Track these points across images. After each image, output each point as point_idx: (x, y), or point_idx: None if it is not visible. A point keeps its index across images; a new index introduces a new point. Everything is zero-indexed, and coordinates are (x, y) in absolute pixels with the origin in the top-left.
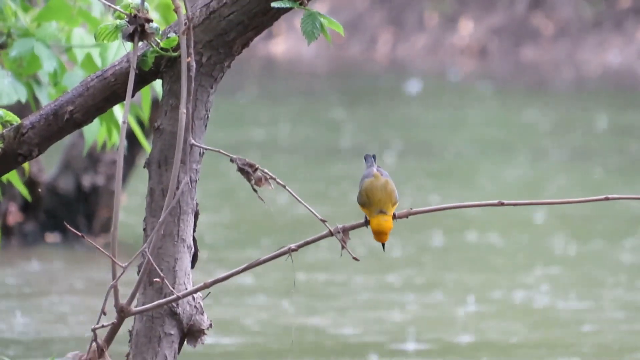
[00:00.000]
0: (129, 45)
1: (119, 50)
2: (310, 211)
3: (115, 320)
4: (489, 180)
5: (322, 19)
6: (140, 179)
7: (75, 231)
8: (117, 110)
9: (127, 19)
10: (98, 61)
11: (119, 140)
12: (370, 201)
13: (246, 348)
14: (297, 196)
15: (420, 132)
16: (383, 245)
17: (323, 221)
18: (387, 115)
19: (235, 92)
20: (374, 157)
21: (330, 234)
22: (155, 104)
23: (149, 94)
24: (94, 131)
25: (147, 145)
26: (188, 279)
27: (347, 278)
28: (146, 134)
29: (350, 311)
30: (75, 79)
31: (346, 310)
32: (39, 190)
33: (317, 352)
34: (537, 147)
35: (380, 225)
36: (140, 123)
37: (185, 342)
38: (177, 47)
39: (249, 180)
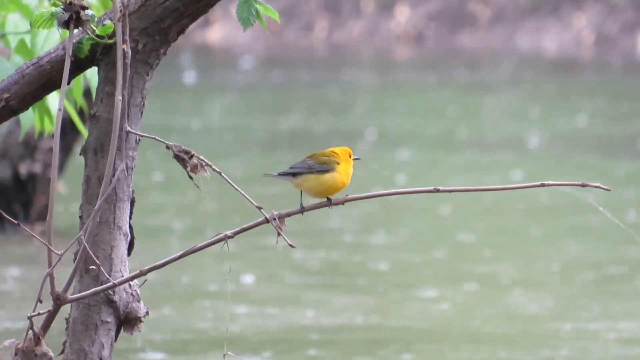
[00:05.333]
0: (62, 32)
1: (49, 37)
2: (246, 198)
3: (51, 308)
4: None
5: (257, 6)
6: (77, 167)
7: (11, 219)
8: (54, 98)
9: (62, 6)
10: None
11: (52, 127)
12: (328, 156)
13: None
14: (233, 183)
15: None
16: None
17: (259, 208)
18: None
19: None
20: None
21: (266, 220)
22: (86, 91)
23: (81, 82)
24: (30, 118)
25: (85, 131)
26: (124, 266)
27: None
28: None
29: None
30: (7, 65)
31: None
32: None
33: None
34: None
35: (347, 169)
36: (80, 111)
37: (122, 330)
38: (112, 34)
39: (185, 167)
